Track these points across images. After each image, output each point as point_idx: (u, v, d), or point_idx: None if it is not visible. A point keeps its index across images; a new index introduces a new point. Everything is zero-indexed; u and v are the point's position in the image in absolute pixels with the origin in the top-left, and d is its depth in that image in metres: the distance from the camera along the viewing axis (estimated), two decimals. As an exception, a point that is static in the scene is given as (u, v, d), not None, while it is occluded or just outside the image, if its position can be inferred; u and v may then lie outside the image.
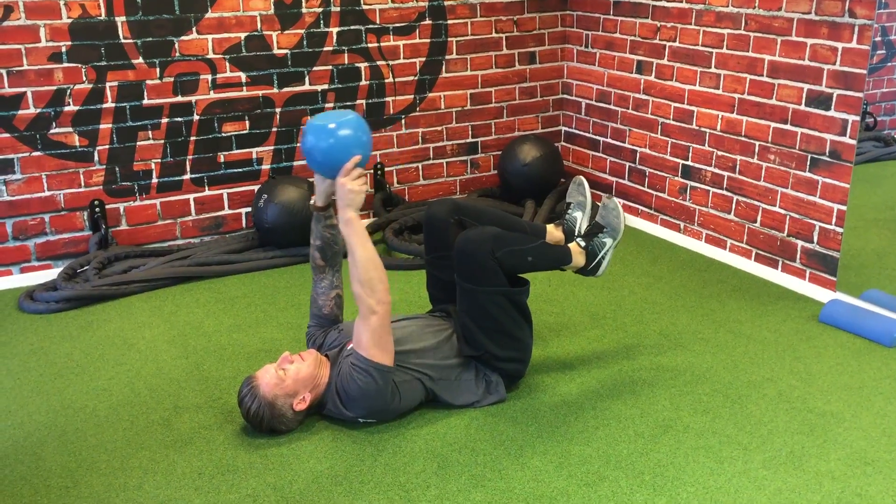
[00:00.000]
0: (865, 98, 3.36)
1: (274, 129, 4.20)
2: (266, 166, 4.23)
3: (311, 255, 2.81)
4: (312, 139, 2.52)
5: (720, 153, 3.97)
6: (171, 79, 3.93)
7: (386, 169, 4.51)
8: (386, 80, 4.39)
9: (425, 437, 2.61)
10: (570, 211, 3.07)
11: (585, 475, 2.42)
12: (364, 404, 2.59)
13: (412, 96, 4.48)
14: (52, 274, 3.86)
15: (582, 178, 3.10)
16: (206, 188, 4.13)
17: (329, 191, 2.66)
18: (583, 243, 2.90)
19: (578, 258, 2.88)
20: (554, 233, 3.02)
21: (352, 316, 2.96)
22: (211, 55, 3.98)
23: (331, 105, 4.29)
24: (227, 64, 4.02)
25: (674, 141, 4.20)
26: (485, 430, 2.64)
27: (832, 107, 3.43)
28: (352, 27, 4.24)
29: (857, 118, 3.35)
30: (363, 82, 4.34)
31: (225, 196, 4.18)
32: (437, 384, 2.71)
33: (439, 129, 4.60)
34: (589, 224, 3.02)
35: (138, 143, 3.94)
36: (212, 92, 4.02)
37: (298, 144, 2.51)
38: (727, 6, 3.80)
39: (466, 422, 2.69)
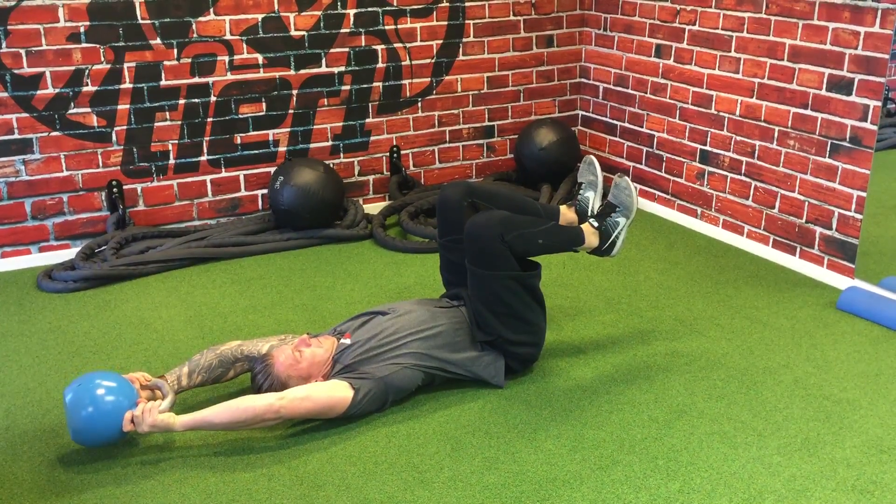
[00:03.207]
0: (887, 83, 3.31)
1: (290, 111, 4.20)
2: (282, 148, 4.23)
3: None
4: (72, 435, 2.39)
5: (739, 138, 3.93)
6: (189, 60, 3.93)
7: (402, 152, 4.50)
8: (403, 63, 4.38)
9: (439, 419, 2.62)
10: (581, 191, 3.06)
11: (599, 459, 2.42)
12: (364, 412, 2.62)
13: (429, 79, 4.46)
14: (70, 253, 3.88)
15: (592, 157, 3.07)
16: (223, 170, 4.14)
17: (167, 388, 2.53)
18: (595, 223, 2.88)
19: (592, 239, 2.86)
20: (567, 214, 3.00)
21: (346, 314, 2.95)
22: (228, 36, 3.98)
23: (347, 87, 4.27)
24: (245, 45, 4.02)
25: (692, 126, 4.17)
26: (498, 413, 2.65)
27: (853, 92, 3.39)
28: (369, 9, 4.22)
29: (879, 104, 3.31)
30: (380, 65, 4.33)
31: (241, 178, 4.19)
32: (438, 369, 2.70)
33: (456, 112, 4.58)
34: (601, 204, 3.00)
35: (156, 124, 3.95)
36: (229, 73, 4.02)
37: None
38: (748, -11, 3.76)
39: (480, 405, 2.69)
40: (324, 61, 4.20)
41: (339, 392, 2.53)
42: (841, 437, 2.52)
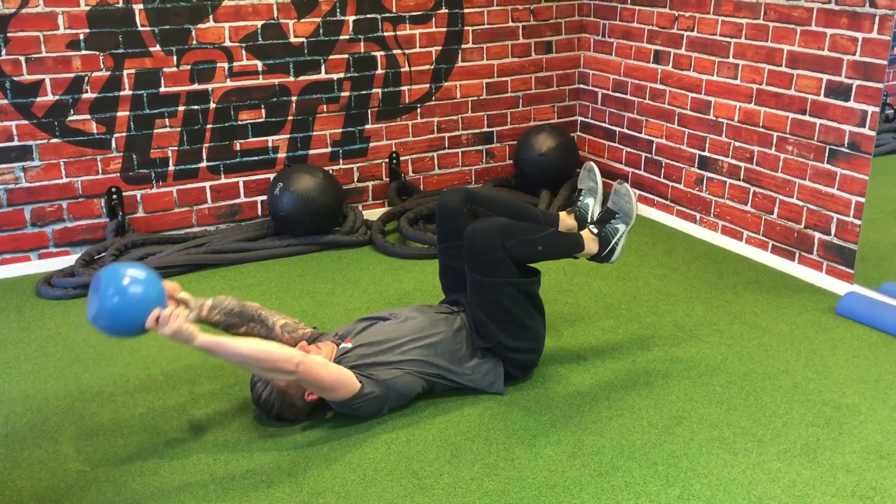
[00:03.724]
0: (886, 89, 3.32)
1: (290, 118, 4.21)
2: (282, 154, 4.24)
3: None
4: (94, 316, 2.30)
5: (737, 144, 3.94)
6: (188, 67, 3.94)
7: (401, 158, 4.51)
8: (402, 69, 4.39)
9: (439, 425, 2.62)
10: (581, 198, 3.06)
11: (598, 465, 2.42)
12: (363, 416, 2.62)
13: (428, 85, 4.47)
14: (69, 260, 3.89)
15: (592, 163, 3.08)
16: (223, 176, 4.14)
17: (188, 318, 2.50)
18: (595, 230, 2.89)
19: (591, 245, 2.87)
20: (566, 220, 3.01)
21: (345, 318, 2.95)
22: (227, 43, 3.99)
23: (346, 94, 4.28)
24: (244, 52, 4.03)
25: (690, 131, 4.18)
26: (498, 420, 2.65)
27: (851, 97, 3.40)
28: (368, 16, 4.23)
29: (877, 109, 3.32)
30: (379, 71, 4.34)
31: (241, 184, 4.19)
32: (439, 377, 2.70)
33: (455, 118, 4.59)
34: (601, 210, 3.00)
35: (155, 131, 3.96)
36: (228, 80, 4.03)
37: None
38: (746, -5, 3.77)
39: (480, 411, 2.69)
40: (323, 68, 4.21)
41: (350, 377, 2.53)
42: (840, 442, 2.52)
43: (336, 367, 2.53)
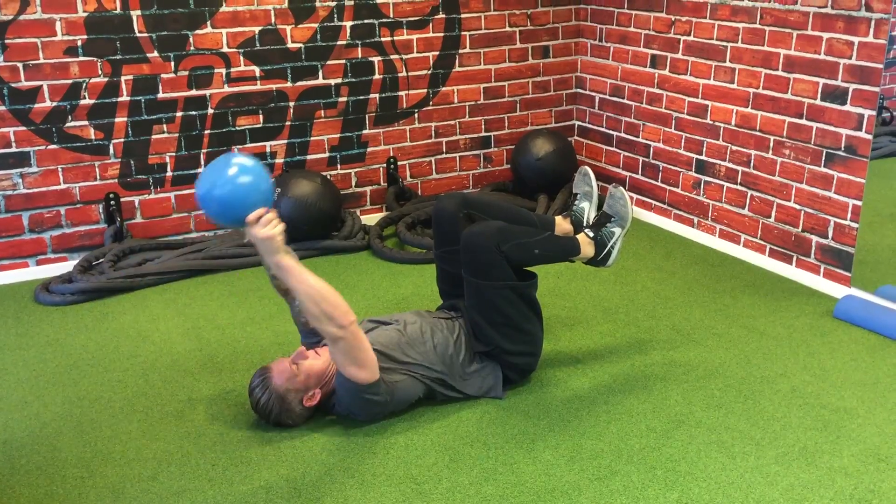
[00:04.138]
0: (882, 93, 3.33)
1: (288, 123, 4.21)
2: (280, 160, 4.24)
3: (272, 284, 2.72)
4: (206, 190, 2.33)
5: (734, 148, 3.95)
6: (186, 72, 3.95)
7: (399, 163, 4.51)
8: (399, 75, 4.39)
9: (437, 430, 2.62)
10: (576, 202, 3.07)
11: (597, 469, 2.42)
12: (363, 414, 2.61)
13: (425, 90, 4.48)
14: (67, 266, 3.89)
15: (587, 168, 3.09)
16: (220, 182, 4.14)
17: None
18: (591, 234, 2.89)
19: (587, 249, 2.87)
20: (562, 224, 3.01)
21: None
22: (225, 49, 3.99)
23: (344, 99, 4.29)
24: (242, 58, 4.03)
25: (688, 135, 4.19)
26: (496, 424, 2.65)
27: (848, 101, 3.41)
28: (365, 21, 4.24)
29: (873, 113, 3.33)
30: (376, 76, 4.34)
31: (239, 189, 4.19)
32: (439, 382, 2.70)
33: (452, 123, 4.60)
34: (597, 214, 3.01)
35: (153, 137, 3.96)
36: (226, 86, 4.04)
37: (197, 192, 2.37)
38: (742, 0, 3.78)
39: (478, 415, 2.69)
40: (320, 73, 4.22)
41: (376, 364, 2.52)
42: (839, 445, 2.52)
43: (370, 346, 2.53)
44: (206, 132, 4.06)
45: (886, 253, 3.64)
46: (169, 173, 4.03)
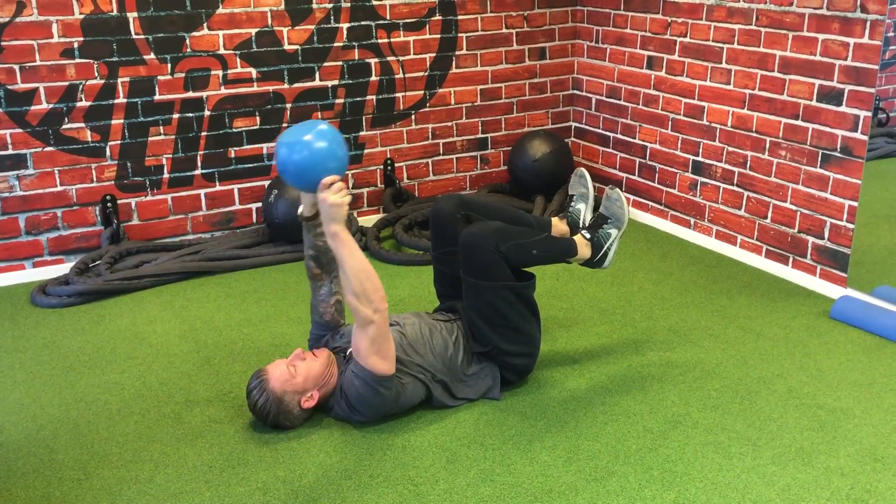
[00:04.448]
0: (878, 94, 3.34)
1: (284, 125, 4.21)
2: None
3: (307, 265, 2.75)
4: (286, 152, 2.41)
5: (731, 149, 3.95)
6: (183, 74, 3.95)
7: (396, 164, 4.51)
8: (396, 76, 4.40)
9: (434, 431, 2.62)
10: (573, 203, 3.07)
11: (594, 470, 2.42)
12: (366, 410, 2.60)
13: (422, 92, 4.48)
14: (64, 268, 3.88)
15: (583, 169, 3.09)
16: (217, 183, 4.14)
17: (315, 200, 2.57)
18: (588, 235, 2.90)
19: (584, 250, 2.88)
20: (559, 226, 3.02)
21: (353, 319, 2.96)
22: (222, 51, 3.99)
23: (341, 101, 4.30)
24: (238, 60, 4.03)
25: (684, 137, 4.19)
26: (493, 425, 2.65)
27: (844, 102, 3.41)
28: (362, 23, 4.24)
29: (869, 114, 3.34)
30: (373, 78, 4.34)
31: (235, 191, 4.19)
32: (440, 383, 2.70)
33: (449, 124, 4.60)
34: (593, 215, 3.01)
35: (150, 139, 3.96)
36: (223, 87, 4.04)
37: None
38: (738, 2, 3.78)
39: (475, 416, 2.70)
40: (317, 75, 4.22)
41: (395, 357, 2.55)
42: (835, 446, 2.52)
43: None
44: (203, 134, 4.06)
45: (882, 254, 3.65)
46: (166, 175, 4.03)
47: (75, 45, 3.72)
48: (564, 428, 2.63)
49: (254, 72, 4.08)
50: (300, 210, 2.65)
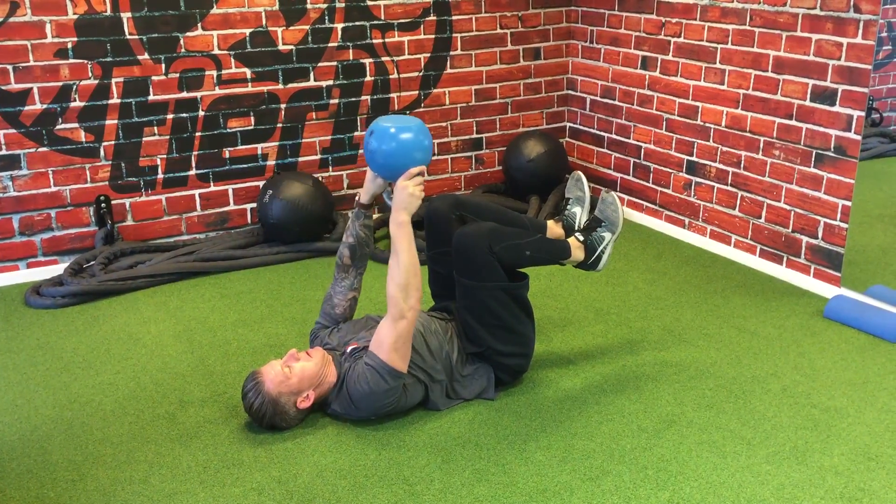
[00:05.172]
0: (872, 94, 3.35)
1: (279, 125, 4.21)
2: (271, 162, 4.24)
3: (340, 253, 2.79)
4: (377, 142, 2.53)
5: (725, 149, 3.96)
6: (177, 75, 3.94)
7: (391, 165, 4.51)
8: (391, 76, 4.40)
9: (429, 431, 2.62)
10: (569, 206, 3.07)
11: (589, 469, 2.42)
12: (372, 405, 2.59)
13: (417, 92, 4.48)
14: (58, 269, 3.87)
15: (580, 173, 3.09)
16: (212, 184, 4.14)
17: (376, 190, 2.68)
18: (581, 237, 2.90)
19: (577, 252, 2.88)
20: (554, 229, 3.02)
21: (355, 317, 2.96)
22: (216, 51, 3.99)
23: (336, 101, 4.29)
24: (233, 60, 4.03)
25: (678, 137, 4.20)
26: (488, 425, 2.65)
27: (837, 102, 3.42)
28: (357, 23, 4.24)
29: (863, 114, 3.35)
30: (368, 78, 4.34)
31: (230, 192, 4.19)
32: (439, 384, 2.70)
33: (444, 124, 4.60)
34: (588, 218, 3.02)
35: (144, 139, 3.96)
36: (217, 88, 4.03)
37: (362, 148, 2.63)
38: (732, 2, 3.79)
39: (470, 416, 2.70)
40: (312, 75, 4.22)
41: (404, 361, 2.57)
42: (829, 445, 2.53)
43: None
44: (197, 134, 4.05)
45: (876, 253, 3.66)
46: (160, 175, 4.02)
47: (69, 45, 3.71)
48: (559, 427, 2.63)
49: (248, 72, 4.08)
50: (358, 195, 2.74)
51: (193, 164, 4.08)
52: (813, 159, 3.56)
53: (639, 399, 2.79)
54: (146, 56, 3.86)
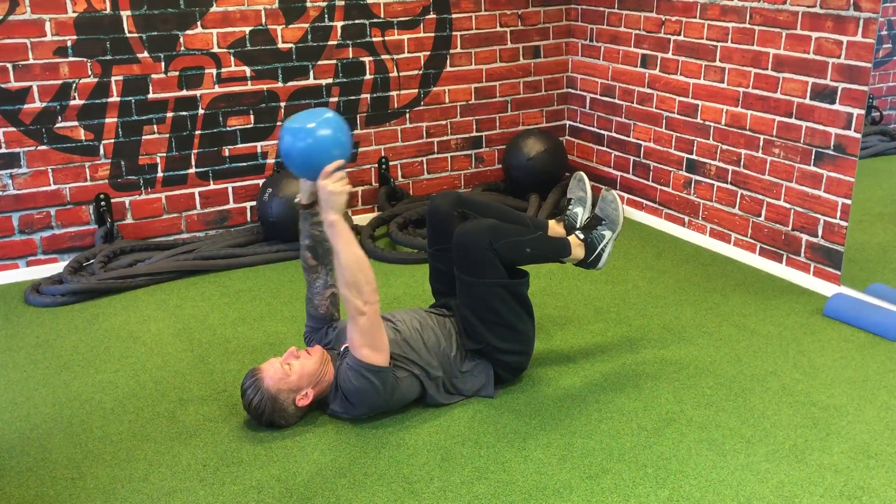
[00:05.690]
0: (872, 92, 3.35)
1: (278, 123, 4.21)
2: (271, 160, 4.24)
3: (302, 256, 2.75)
4: (290, 140, 2.44)
5: (725, 147, 3.96)
6: (176, 73, 3.94)
7: (390, 163, 4.51)
8: (390, 75, 4.39)
9: (428, 429, 2.62)
10: (570, 207, 3.07)
11: (588, 468, 2.42)
12: (361, 403, 2.60)
13: (417, 90, 4.48)
14: (58, 267, 3.87)
15: (582, 173, 3.09)
16: (211, 182, 4.14)
17: (313, 189, 2.59)
18: (581, 236, 2.90)
19: (577, 250, 2.88)
20: (555, 228, 3.02)
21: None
22: (216, 49, 3.99)
23: (335, 100, 4.29)
24: (232, 58, 4.03)
25: (678, 135, 4.20)
26: (488, 423, 2.65)
27: (837, 100, 3.42)
28: (356, 21, 4.24)
29: (862, 112, 3.35)
30: (368, 76, 4.34)
31: (230, 190, 4.19)
32: (436, 380, 2.70)
33: (444, 123, 4.60)
34: (588, 216, 3.01)
35: (143, 137, 3.95)
36: (217, 86, 4.03)
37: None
38: (732, 0, 3.79)
39: (470, 414, 2.70)
40: (311, 73, 4.22)
41: (389, 351, 2.55)
42: (828, 443, 2.53)
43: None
44: (197, 133, 4.05)
45: (876, 251, 3.66)
46: (160, 174, 4.02)
47: (68, 43, 3.71)
48: (559, 426, 2.63)
49: (248, 70, 4.08)
50: (297, 198, 2.68)
51: (193, 163, 4.07)
52: (813, 157, 3.56)
53: (638, 397, 2.79)
54: (146, 54, 3.86)
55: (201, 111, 4.03)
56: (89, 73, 3.78)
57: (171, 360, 3.10)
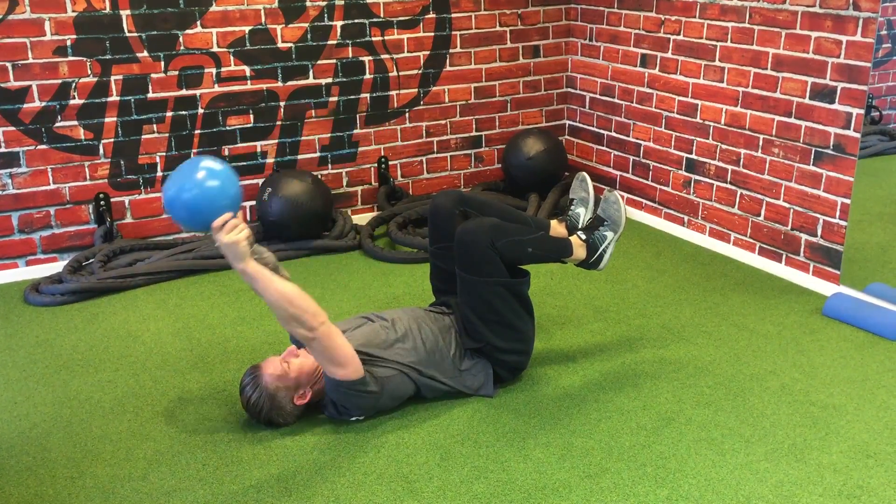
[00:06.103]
0: (871, 92, 3.35)
1: (278, 123, 4.21)
2: (270, 160, 4.24)
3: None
4: (174, 192, 2.33)
5: (724, 147, 3.96)
6: (176, 72, 3.94)
7: (390, 163, 4.51)
8: (390, 74, 4.39)
9: (428, 428, 2.62)
10: (573, 207, 3.07)
11: (588, 467, 2.43)
12: (355, 409, 2.61)
13: (416, 90, 4.48)
14: (57, 267, 3.87)
15: (585, 174, 3.09)
16: (211, 181, 4.13)
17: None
18: (583, 236, 2.90)
19: (579, 251, 2.88)
20: (557, 228, 3.02)
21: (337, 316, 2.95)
22: (215, 49, 3.99)
23: (335, 99, 4.29)
24: (232, 57, 4.03)
25: (678, 134, 4.20)
26: (487, 422, 2.65)
27: (836, 100, 3.42)
28: (356, 21, 4.24)
29: (862, 111, 3.35)
30: (367, 76, 4.34)
31: (229, 189, 4.18)
32: (429, 378, 2.70)
33: (443, 122, 4.60)
34: (591, 217, 3.02)
35: (143, 137, 3.95)
36: (216, 85, 4.03)
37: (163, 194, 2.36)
38: (731, -1, 3.80)
39: (469, 413, 2.70)
40: (311, 73, 4.22)
41: (358, 360, 2.52)
42: (828, 442, 2.53)
43: (349, 344, 2.53)
44: (197, 132, 4.05)
45: (875, 251, 3.66)
46: (159, 173, 4.02)
47: (68, 42, 3.71)
48: (558, 425, 2.63)
49: (247, 70, 4.08)
50: (216, 244, 2.51)
51: (193, 162, 4.07)
52: (812, 157, 3.56)
53: (638, 397, 2.79)
54: (145, 53, 3.86)
55: (201, 111, 4.03)
56: (89, 72, 3.78)
57: (170, 359, 3.10)
